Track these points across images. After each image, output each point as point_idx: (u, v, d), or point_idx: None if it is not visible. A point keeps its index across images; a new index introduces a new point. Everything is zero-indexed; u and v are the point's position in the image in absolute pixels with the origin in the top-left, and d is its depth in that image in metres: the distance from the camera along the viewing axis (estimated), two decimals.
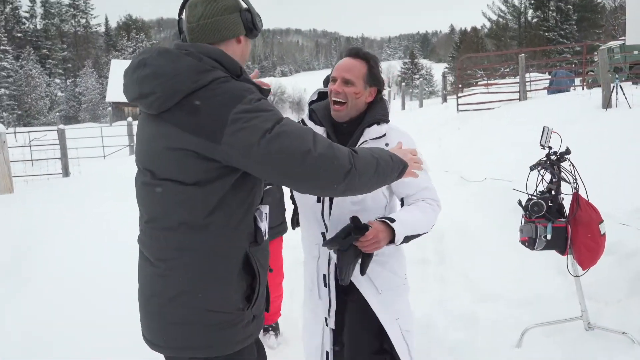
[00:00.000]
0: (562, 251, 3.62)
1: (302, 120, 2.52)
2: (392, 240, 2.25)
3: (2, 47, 76.94)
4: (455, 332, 3.96)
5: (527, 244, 3.63)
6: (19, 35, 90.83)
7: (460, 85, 19.98)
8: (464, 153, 9.85)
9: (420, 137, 13.47)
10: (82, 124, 56.12)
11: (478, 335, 3.89)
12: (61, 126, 14.24)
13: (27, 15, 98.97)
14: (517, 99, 14.71)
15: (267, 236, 1.99)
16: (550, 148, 3.71)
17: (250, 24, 1.95)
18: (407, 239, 2.32)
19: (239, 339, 1.88)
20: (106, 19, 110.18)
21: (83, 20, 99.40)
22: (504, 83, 19.12)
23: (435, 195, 2.48)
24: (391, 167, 1.95)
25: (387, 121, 2.47)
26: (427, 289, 4.76)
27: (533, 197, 3.66)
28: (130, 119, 21.92)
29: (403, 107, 28.34)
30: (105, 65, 78.10)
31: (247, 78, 1.86)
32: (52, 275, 4.82)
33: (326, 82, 3.03)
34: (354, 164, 1.79)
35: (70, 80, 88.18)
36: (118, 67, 60.62)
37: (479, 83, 21.85)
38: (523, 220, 3.69)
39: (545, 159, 3.69)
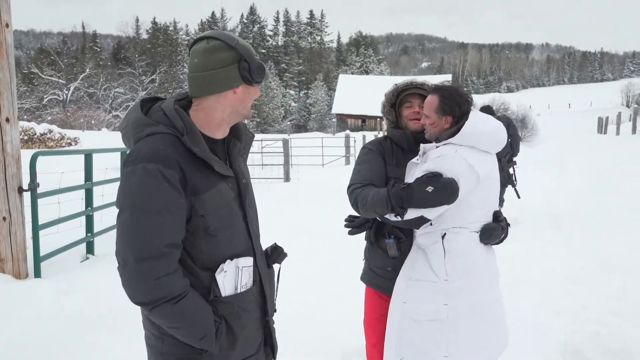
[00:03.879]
0: None
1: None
2: None
3: None
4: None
5: None
6: (263, 51, 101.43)
7: None
8: None
9: (637, 168, 12.51)
10: (309, 132, 60.71)
11: None
12: (285, 136, 15.99)
13: (271, 33, 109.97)
14: None
15: (230, 292, 2.00)
16: None
17: (248, 75, 1.94)
18: None
19: None
20: (338, 35, 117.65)
21: (318, 37, 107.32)
22: None
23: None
24: (195, 343, 1.90)
25: (439, 141, 2.77)
26: (599, 321, 4.77)
27: None
28: (348, 131, 23.50)
29: (634, 131, 25.91)
30: (334, 79, 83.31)
31: (187, 140, 1.88)
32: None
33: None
34: (156, 302, 1.80)
35: (302, 92, 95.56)
36: (345, 81, 64.48)
37: None
38: None
39: None
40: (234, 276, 2.00)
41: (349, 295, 4.68)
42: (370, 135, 27.85)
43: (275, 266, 2.33)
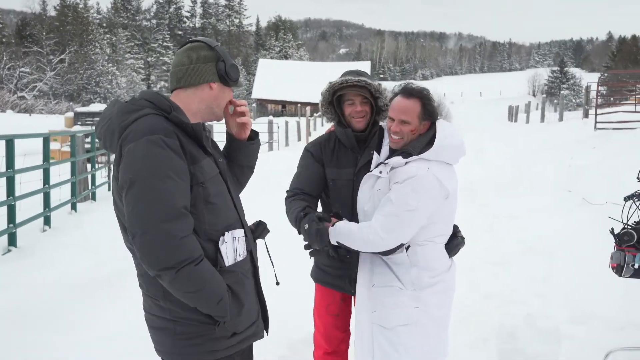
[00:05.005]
0: None
1: (381, 128, 2.93)
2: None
3: (164, 44, 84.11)
4: (540, 345, 4.24)
5: (615, 270, 3.84)
6: (180, 33, 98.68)
7: (601, 102, 18.98)
8: (594, 174, 9.68)
9: (550, 155, 13.26)
10: None
11: (561, 351, 4.15)
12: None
13: (187, 14, 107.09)
14: None
15: (232, 261, 2.13)
16: None
17: (224, 73, 2.17)
18: (339, 244, 2.68)
19: (207, 350, 2.07)
20: (257, 19, 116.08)
21: (236, 20, 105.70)
22: None
23: (383, 227, 2.56)
24: (212, 308, 2.00)
25: (409, 154, 2.64)
26: (526, 302, 5.04)
27: (627, 227, 3.87)
28: (271, 116, 23.42)
29: (542, 120, 27.40)
30: (254, 63, 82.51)
31: (176, 115, 2.06)
32: None
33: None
34: (181, 263, 1.88)
35: None
36: (264, 66, 63.94)
37: (624, 101, 20.58)
38: (615, 248, 3.90)
39: None
40: (232, 246, 2.15)
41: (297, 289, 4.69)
42: (292, 122, 27.86)
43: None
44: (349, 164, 2.99)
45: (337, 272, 3.05)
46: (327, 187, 3.06)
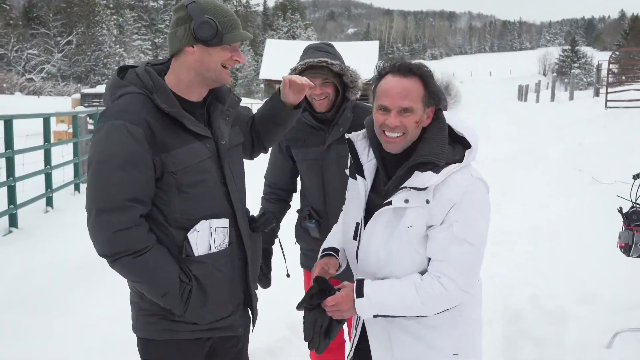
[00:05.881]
0: None
1: (349, 140, 2.13)
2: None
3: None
4: (545, 326, 4.15)
5: (623, 250, 3.73)
6: None
7: (612, 80, 18.67)
8: (604, 153, 9.52)
9: (560, 134, 13.07)
10: None
11: (568, 332, 4.06)
12: None
13: None
14: None
15: (204, 252, 2.04)
16: None
17: (200, 34, 1.96)
18: (378, 315, 1.96)
19: (167, 329, 2.05)
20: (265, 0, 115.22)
21: (244, 0, 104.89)
22: None
23: (456, 276, 1.89)
24: (158, 300, 1.98)
25: (440, 162, 1.90)
26: (531, 283, 4.94)
27: (636, 205, 3.75)
28: None
29: (552, 99, 27.07)
30: (261, 43, 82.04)
31: (155, 98, 1.96)
32: None
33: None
34: (117, 255, 1.88)
35: None
36: (272, 46, 63.51)
37: (636, 80, 20.26)
38: (623, 227, 3.78)
39: None
40: (207, 236, 2.05)
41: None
42: None
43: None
44: (317, 142, 2.88)
45: (317, 254, 3.00)
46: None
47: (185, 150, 1.99)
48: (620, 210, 3.80)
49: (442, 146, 1.94)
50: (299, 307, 2.03)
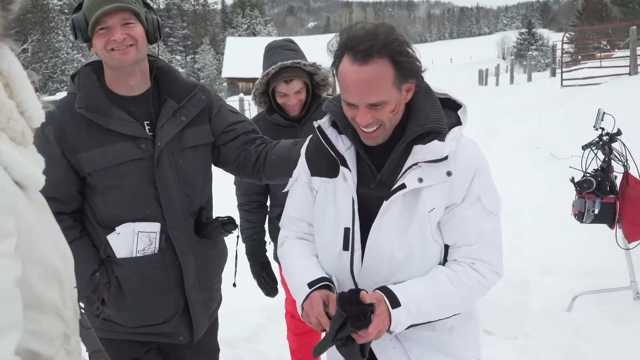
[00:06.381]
0: (611, 225, 3.91)
1: (319, 128, 1.74)
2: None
3: None
4: (510, 295, 4.37)
5: (577, 217, 3.96)
6: None
7: (568, 60, 19.19)
8: (561, 131, 9.85)
9: (519, 115, 13.44)
10: None
11: (531, 299, 4.28)
12: None
13: None
14: (627, 74, 14.09)
15: (125, 255, 1.99)
16: (602, 129, 3.99)
17: (75, 37, 1.97)
18: (411, 326, 1.63)
19: (97, 326, 1.98)
20: None
21: None
22: (616, 57, 18.12)
23: (491, 257, 1.66)
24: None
25: (443, 129, 1.62)
26: None
27: (587, 174, 3.98)
28: (242, 94, 23.26)
29: (511, 82, 27.64)
30: (222, 42, 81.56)
31: (81, 96, 1.93)
32: None
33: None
34: None
35: (189, 57, 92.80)
36: (233, 44, 63.23)
37: (591, 58, 20.81)
38: (576, 196, 4.01)
39: (597, 139, 3.98)
40: (130, 239, 1.98)
41: None
42: None
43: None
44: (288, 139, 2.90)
45: None
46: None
47: (100, 152, 1.92)
48: (572, 180, 4.02)
49: (439, 110, 1.65)
50: (320, 350, 1.58)
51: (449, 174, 1.59)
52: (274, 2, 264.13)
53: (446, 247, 1.70)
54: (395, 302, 1.57)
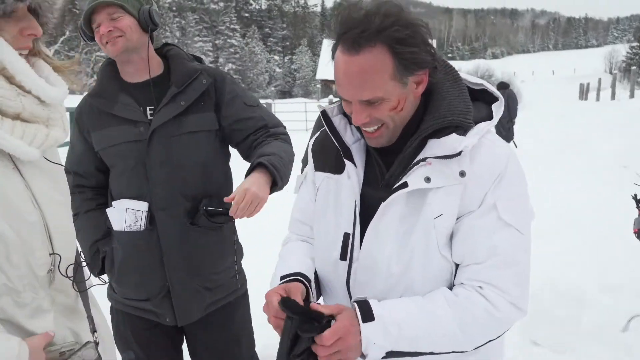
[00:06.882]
0: None
1: (324, 114, 1.50)
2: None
3: (232, 26, 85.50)
4: (563, 308, 4.33)
5: (637, 235, 3.88)
6: (246, 15, 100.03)
7: None
8: None
9: (611, 132, 12.90)
10: (294, 98, 60.61)
11: (585, 314, 4.23)
12: (269, 101, 16.11)
13: None
14: None
15: (119, 228, 2.14)
16: None
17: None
18: (392, 354, 1.30)
19: (107, 293, 2.33)
20: (322, 1, 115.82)
21: (302, 1, 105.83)
22: None
23: (505, 283, 1.32)
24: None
25: (469, 124, 1.34)
26: (556, 269, 5.11)
27: None
28: (331, 96, 23.65)
29: (612, 97, 26.34)
30: (319, 44, 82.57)
31: (96, 83, 2.22)
32: None
33: None
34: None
35: (287, 58, 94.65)
36: (329, 47, 63.92)
37: None
38: (638, 213, 3.93)
39: None
40: (122, 215, 2.12)
41: None
42: None
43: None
44: None
45: None
46: None
47: (104, 132, 2.12)
48: (634, 197, 3.95)
49: (465, 101, 1.37)
50: None
51: (462, 174, 1.30)
52: None
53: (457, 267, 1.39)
54: (368, 316, 1.27)
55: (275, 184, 2.05)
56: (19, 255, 1.28)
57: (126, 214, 2.11)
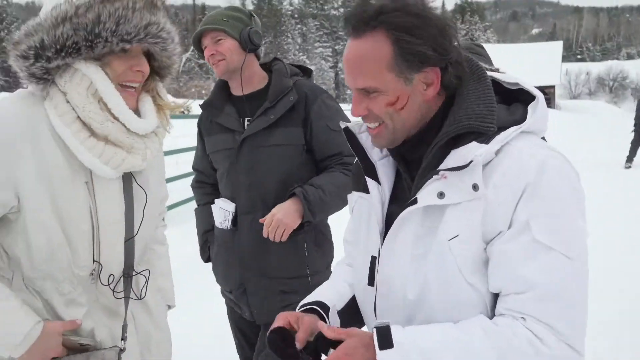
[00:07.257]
0: None
1: (347, 130, 1.40)
2: None
3: None
4: None
5: None
6: None
7: None
8: None
9: None
10: None
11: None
12: None
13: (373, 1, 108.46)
14: None
15: (221, 225, 2.36)
16: None
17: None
18: None
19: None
20: (443, 3, 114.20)
21: None
22: None
23: (554, 319, 1.10)
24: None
25: (486, 128, 1.18)
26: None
27: None
28: None
29: None
30: None
31: (209, 100, 2.53)
32: None
33: None
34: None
35: None
36: None
37: None
38: None
39: None
40: (217, 212, 2.37)
41: None
42: None
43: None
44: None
45: None
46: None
47: (212, 139, 2.42)
48: None
49: (488, 103, 1.21)
50: None
51: (475, 187, 1.13)
52: (497, 8, 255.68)
53: (495, 297, 1.20)
54: (385, 342, 1.12)
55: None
56: (62, 252, 1.50)
57: (219, 212, 2.35)
